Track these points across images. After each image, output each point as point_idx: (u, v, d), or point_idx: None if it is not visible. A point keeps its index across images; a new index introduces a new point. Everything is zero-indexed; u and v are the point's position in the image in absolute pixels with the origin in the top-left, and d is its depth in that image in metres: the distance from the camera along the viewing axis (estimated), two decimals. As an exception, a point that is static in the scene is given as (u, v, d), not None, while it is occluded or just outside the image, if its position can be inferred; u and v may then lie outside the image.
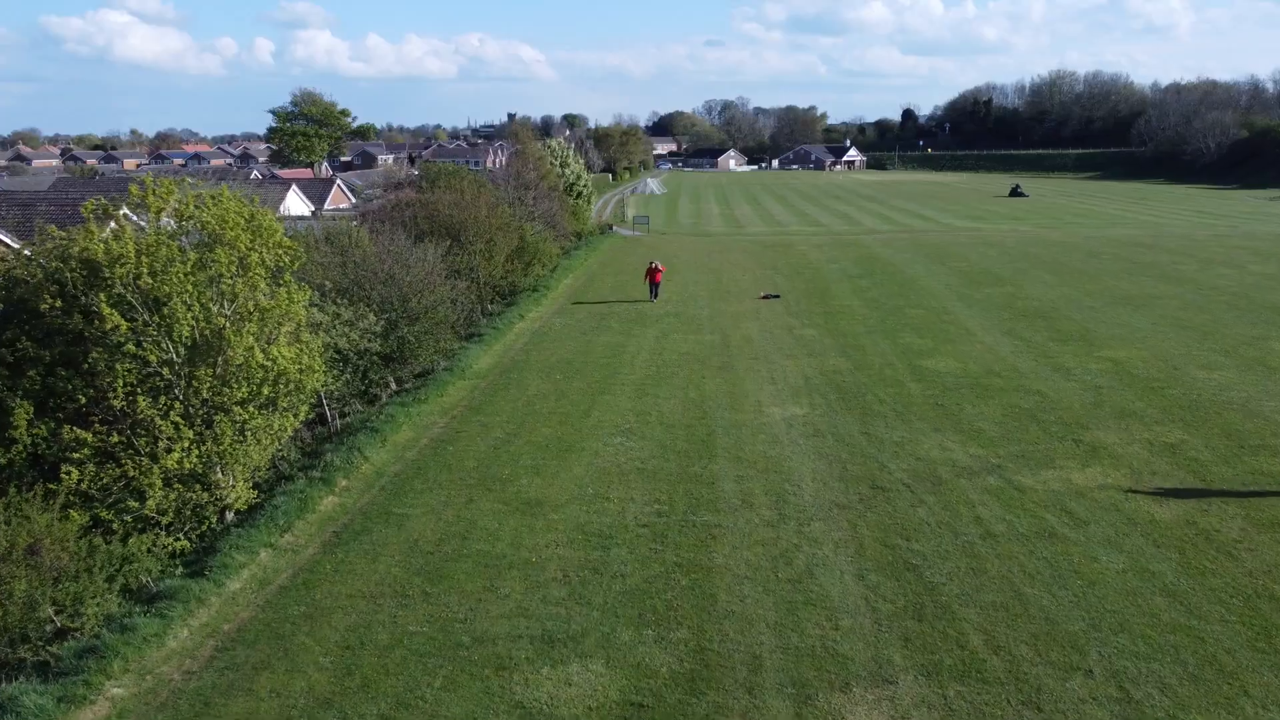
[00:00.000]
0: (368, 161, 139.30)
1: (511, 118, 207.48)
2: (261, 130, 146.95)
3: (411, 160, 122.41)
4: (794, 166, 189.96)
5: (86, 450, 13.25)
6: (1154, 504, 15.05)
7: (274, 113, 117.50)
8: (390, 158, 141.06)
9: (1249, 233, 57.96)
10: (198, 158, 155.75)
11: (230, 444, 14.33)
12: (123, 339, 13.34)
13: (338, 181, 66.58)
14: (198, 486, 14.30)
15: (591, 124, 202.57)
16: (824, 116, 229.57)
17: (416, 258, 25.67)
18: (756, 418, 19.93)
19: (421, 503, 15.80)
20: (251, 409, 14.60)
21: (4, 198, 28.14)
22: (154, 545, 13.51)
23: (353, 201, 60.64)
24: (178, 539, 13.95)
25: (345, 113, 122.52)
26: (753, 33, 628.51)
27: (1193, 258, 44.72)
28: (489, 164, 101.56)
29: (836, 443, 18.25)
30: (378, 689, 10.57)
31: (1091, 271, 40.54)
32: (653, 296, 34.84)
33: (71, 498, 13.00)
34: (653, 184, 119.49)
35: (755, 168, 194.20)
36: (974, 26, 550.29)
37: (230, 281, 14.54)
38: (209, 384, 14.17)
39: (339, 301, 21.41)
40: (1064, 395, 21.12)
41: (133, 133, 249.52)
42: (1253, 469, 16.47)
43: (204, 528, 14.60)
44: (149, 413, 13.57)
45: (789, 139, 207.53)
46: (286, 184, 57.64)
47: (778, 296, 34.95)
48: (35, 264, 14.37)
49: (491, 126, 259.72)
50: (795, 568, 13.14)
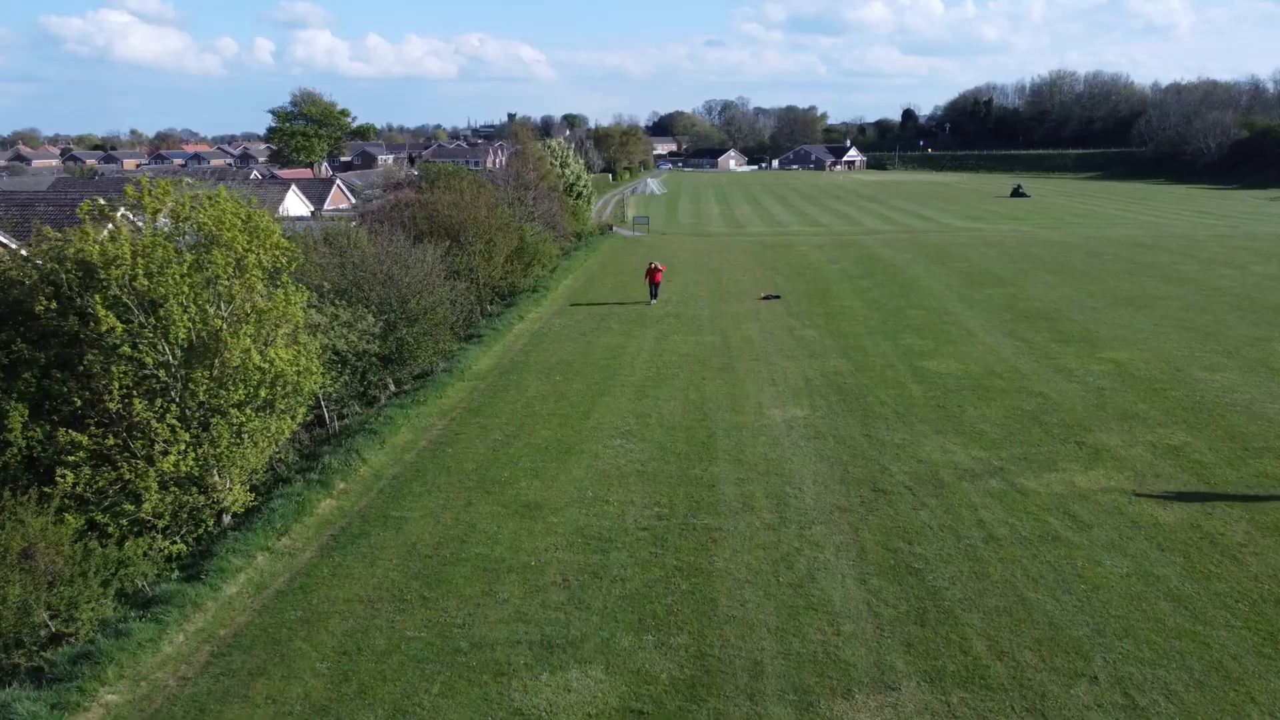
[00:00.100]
0: (367, 162, 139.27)
1: (511, 118, 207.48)
2: (261, 130, 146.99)
3: (411, 160, 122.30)
4: (794, 167, 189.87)
5: (82, 453, 13.14)
6: (1158, 507, 14.94)
7: (274, 113, 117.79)
8: (390, 158, 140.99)
9: (1250, 233, 57.85)
10: (197, 158, 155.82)
11: (227, 447, 14.22)
12: (118, 341, 13.25)
13: (337, 182, 66.45)
14: (194, 489, 14.19)
15: (591, 124, 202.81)
16: (824, 117, 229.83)
17: (415, 258, 25.56)
18: (757, 419, 19.83)
19: (420, 506, 15.69)
20: (248, 411, 14.49)
21: (3, 198, 28.10)
22: (150, 549, 13.42)
23: (352, 202, 60.54)
24: (174, 542, 13.86)
25: (345, 113, 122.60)
26: (753, 33, 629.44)
27: (1194, 258, 44.62)
28: (489, 164, 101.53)
29: (837, 445, 18.15)
30: (375, 696, 10.47)
31: (1093, 272, 40.43)
32: (653, 297, 34.72)
33: (66, 501, 12.90)
34: (653, 184, 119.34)
35: (755, 168, 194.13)
36: (974, 26, 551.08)
37: (227, 283, 14.43)
38: (205, 386, 14.07)
39: (337, 303, 21.30)
40: (1066, 397, 21.02)
41: (133, 133, 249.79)
42: (1257, 472, 16.37)
43: (200, 531, 14.49)
44: (145, 415, 13.47)
45: (789, 139, 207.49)
46: (286, 184, 57.57)
47: (778, 297, 34.85)
48: (30, 265, 14.28)
49: (491, 127, 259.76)
50: (796, 572, 13.04)
